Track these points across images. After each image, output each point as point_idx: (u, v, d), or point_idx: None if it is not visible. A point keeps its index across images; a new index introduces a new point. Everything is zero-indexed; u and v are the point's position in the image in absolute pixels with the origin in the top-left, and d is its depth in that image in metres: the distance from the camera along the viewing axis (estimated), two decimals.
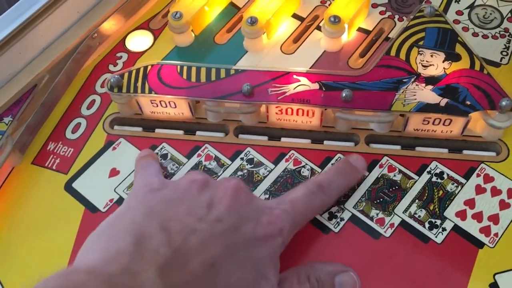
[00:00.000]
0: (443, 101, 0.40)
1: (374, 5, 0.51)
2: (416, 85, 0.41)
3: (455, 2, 0.51)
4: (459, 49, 0.42)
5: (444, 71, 0.41)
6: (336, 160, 0.42)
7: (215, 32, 0.50)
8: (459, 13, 0.50)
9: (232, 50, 0.49)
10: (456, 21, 0.49)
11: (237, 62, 0.48)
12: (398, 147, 0.43)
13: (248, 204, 0.34)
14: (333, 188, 0.38)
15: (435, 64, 0.42)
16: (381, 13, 0.51)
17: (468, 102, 0.40)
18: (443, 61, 0.42)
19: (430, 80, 0.41)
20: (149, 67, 0.44)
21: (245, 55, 0.49)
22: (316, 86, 0.42)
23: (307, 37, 0.50)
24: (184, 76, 0.43)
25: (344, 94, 0.41)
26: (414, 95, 0.41)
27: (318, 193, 0.37)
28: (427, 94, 0.40)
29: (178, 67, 0.44)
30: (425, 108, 0.40)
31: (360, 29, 0.50)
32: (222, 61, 0.48)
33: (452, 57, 0.42)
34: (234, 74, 0.43)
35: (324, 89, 0.42)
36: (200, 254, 0.30)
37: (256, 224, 0.33)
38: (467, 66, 0.42)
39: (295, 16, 0.51)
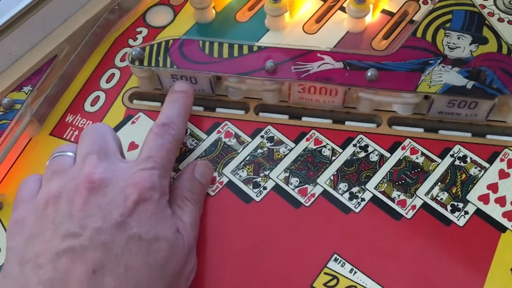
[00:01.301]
0: (470, 84, 0.40)
1: None
2: (443, 66, 0.40)
3: None
4: (486, 32, 0.42)
5: (471, 54, 0.41)
6: (358, 141, 0.42)
7: (237, 10, 0.50)
8: None
9: (254, 28, 0.49)
10: (482, 6, 0.49)
11: (258, 40, 0.48)
12: (421, 129, 0.42)
13: (106, 187, 0.33)
14: (175, 118, 0.39)
15: (461, 46, 0.41)
16: None
17: (495, 86, 0.39)
18: (470, 44, 0.41)
19: (457, 62, 0.40)
20: (170, 41, 0.43)
21: (266, 34, 0.48)
22: (340, 65, 0.41)
23: (330, 17, 0.49)
24: (206, 51, 0.43)
25: (369, 74, 0.40)
26: (440, 76, 0.40)
27: (165, 131, 0.37)
28: (453, 76, 0.40)
29: (200, 42, 0.43)
30: (451, 90, 0.39)
31: (384, 11, 0.49)
32: (243, 39, 0.47)
33: (479, 40, 0.41)
34: (257, 51, 0.43)
35: (348, 68, 0.41)
36: (76, 269, 0.29)
37: (124, 199, 0.32)
38: (494, 49, 0.41)
39: None
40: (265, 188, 0.40)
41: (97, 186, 0.32)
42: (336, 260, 0.36)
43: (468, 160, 0.40)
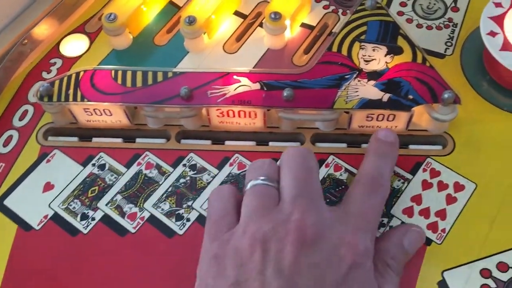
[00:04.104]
0: (386, 96, 0.39)
1: (317, 0, 0.50)
2: (358, 81, 0.40)
3: None
4: (401, 42, 0.42)
5: (386, 65, 0.41)
6: None
7: (155, 33, 0.48)
8: (403, 4, 0.49)
9: (173, 51, 0.47)
10: (400, 13, 0.49)
11: (178, 64, 0.46)
12: (344, 145, 0.42)
13: (319, 243, 0.31)
14: (385, 175, 0.36)
15: (377, 58, 0.41)
16: (324, 7, 0.49)
17: (411, 96, 0.39)
18: (385, 55, 0.41)
19: (372, 75, 0.40)
20: (81, 73, 0.41)
21: (186, 56, 0.47)
22: (257, 86, 0.40)
23: (250, 35, 0.48)
24: (119, 81, 0.41)
25: (285, 94, 0.39)
26: (357, 91, 0.40)
27: (378, 190, 0.35)
28: (369, 90, 0.39)
29: (113, 71, 0.41)
30: (367, 104, 0.39)
31: (303, 25, 0.48)
32: (163, 63, 0.46)
33: (394, 50, 0.41)
34: (172, 77, 0.41)
35: (265, 89, 0.40)
36: None
37: (338, 263, 0.30)
38: (409, 59, 0.41)
39: (237, 13, 0.49)
40: (188, 219, 0.38)
41: (309, 241, 0.30)
42: None
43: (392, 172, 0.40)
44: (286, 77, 0.41)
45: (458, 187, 0.39)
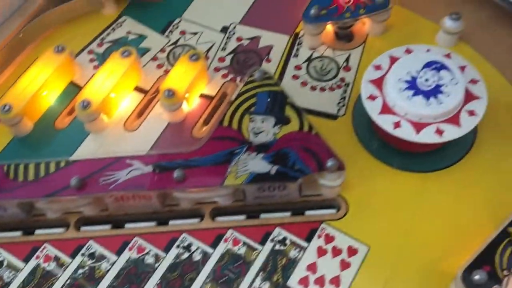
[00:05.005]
0: (274, 169, 0.40)
1: (217, 69, 0.51)
2: (248, 154, 0.41)
3: (294, 56, 0.52)
4: (289, 111, 0.43)
5: (275, 137, 0.42)
6: (182, 240, 0.41)
7: (55, 117, 0.48)
8: (298, 67, 0.51)
9: (74, 134, 0.47)
10: (295, 77, 0.50)
11: (78, 147, 0.46)
12: (243, 217, 0.42)
13: None
14: None
15: (265, 130, 0.42)
16: (223, 76, 0.51)
17: (297, 167, 0.40)
18: (274, 126, 0.42)
19: (261, 148, 0.41)
20: None
21: (87, 138, 0.47)
22: (149, 169, 0.41)
23: (151, 110, 0.49)
24: (11, 175, 0.41)
25: (175, 175, 0.40)
26: (246, 165, 0.40)
27: None
28: (258, 163, 0.40)
29: (5, 166, 0.41)
30: (256, 178, 0.40)
31: (202, 96, 0.49)
32: (63, 147, 0.46)
33: (282, 120, 0.42)
34: (65, 166, 0.41)
35: (157, 171, 0.41)
36: None
37: None
38: (297, 128, 0.42)
39: (138, 89, 0.50)
40: None
41: None
42: None
43: (288, 242, 0.40)
44: (177, 157, 0.41)
45: (351, 251, 0.40)
